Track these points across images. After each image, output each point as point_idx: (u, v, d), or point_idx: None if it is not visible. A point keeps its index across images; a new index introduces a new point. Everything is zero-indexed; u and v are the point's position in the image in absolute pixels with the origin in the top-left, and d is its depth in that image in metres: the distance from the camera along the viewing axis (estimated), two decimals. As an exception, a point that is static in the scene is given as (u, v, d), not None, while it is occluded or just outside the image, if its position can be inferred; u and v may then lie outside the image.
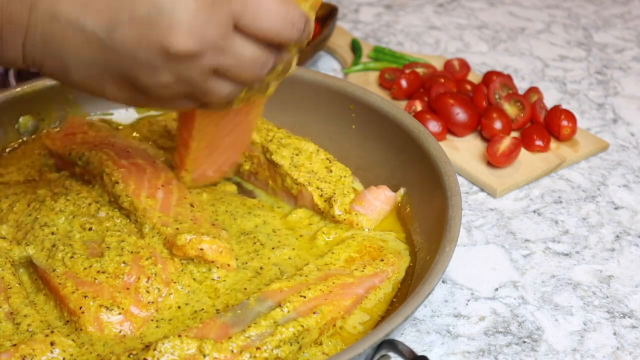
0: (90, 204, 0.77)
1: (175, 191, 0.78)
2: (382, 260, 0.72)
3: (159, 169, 0.80)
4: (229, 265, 0.71)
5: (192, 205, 0.77)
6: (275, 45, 0.59)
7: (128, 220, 0.75)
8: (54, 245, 0.71)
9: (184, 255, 0.71)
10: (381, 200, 0.79)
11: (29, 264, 0.72)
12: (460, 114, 0.99)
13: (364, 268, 0.71)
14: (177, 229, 0.72)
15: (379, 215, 0.78)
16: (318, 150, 0.83)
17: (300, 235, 0.78)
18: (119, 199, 0.76)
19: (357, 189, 0.82)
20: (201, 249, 0.70)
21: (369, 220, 0.78)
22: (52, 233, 0.73)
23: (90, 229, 0.74)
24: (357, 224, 0.77)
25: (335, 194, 0.79)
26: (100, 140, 0.84)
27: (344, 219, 0.78)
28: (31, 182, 0.83)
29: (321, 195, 0.79)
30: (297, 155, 0.82)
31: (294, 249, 0.75)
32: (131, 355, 0.60)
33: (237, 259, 0.73)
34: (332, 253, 0.73)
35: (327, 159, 0.82)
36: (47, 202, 0.76)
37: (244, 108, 0.72)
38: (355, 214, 0.77)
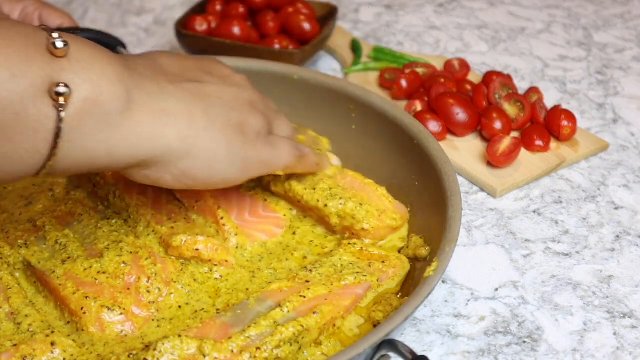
0: (81, 213, 0.77)
1: (164, 190, 0.78)
2: (383, 262, 0.72)
3: None
4: (226, 261, 0.71)
5: (182, 203, 0.77)
6: None
7: (123, 222, 0.76)
8: (51, 248, 0.71)
9: (179, 255, 0.71)
10: None
11: (26, 268, 0.72)
12: (460, 114, 0.99)
13: (364, 268, 0.71)
14: (172, 227, 0.72)
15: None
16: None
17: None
18: (111, 197, 0.76)
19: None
20: (197, 250, 0.71)
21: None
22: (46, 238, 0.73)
23: (86, 232, 0.74)
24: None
25: None
26: None
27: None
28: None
29: (318, 201, 0.79)
30: None
31: (294, 251, 0.75)
32: (131, 355, 0.60)
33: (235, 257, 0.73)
34: (333, 254, 0.73)
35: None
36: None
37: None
38: None
